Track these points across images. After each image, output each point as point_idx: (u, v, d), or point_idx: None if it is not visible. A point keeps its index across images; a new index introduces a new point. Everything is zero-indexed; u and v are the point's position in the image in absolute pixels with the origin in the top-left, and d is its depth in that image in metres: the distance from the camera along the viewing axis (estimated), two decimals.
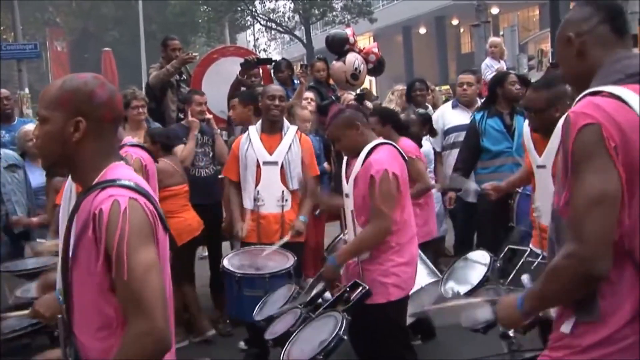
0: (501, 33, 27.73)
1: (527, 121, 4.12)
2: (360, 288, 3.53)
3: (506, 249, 3.89)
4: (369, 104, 7.18)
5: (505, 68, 9.05)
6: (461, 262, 3.99)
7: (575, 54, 2.02)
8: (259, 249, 4.79)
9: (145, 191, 1.91)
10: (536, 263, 3.66)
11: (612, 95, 1.86)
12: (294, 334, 3.41)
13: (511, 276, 3.62)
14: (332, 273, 3.83)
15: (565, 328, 1.92)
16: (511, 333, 2.94)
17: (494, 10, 27.21)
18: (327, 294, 3.81)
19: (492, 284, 3.43)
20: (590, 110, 1.84)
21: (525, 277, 2.83)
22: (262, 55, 26.15)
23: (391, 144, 3.93)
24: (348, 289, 3.58)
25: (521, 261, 3.74)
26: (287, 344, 3.36)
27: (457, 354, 4.69)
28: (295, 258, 4.56)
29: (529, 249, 3.85)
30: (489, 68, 8.98)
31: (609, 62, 1.96)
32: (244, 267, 4.56)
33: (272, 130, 5.08)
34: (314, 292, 3.82)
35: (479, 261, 3.83)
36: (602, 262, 1.79)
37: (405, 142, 5.14)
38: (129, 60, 27.05)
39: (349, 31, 7.47)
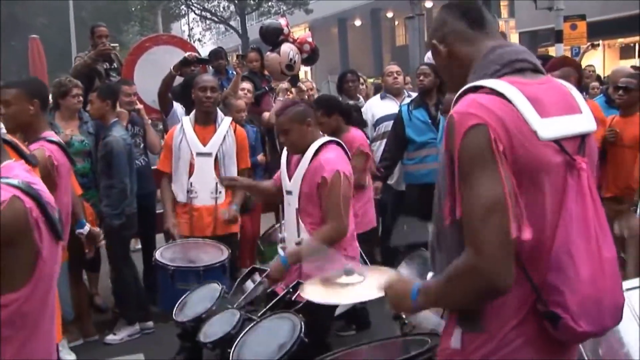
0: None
1: None
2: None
3: None
4: (302, 86, 7.18)
5: None
6: (410, 259, 4.04)
7: (446, 59, 1.97)
8: (192, 241, 4.74)
9: (36, 194, 1.78)
10: None
11: (493, 92, 1.76)
12: (240, 338, 3.23)
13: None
14: (279, 273, 3.72)
15: (455, 343, 1.83)
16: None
17: (428, 4, 27.55)
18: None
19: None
20: (475, 110, 1.72)
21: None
22: (197, 45, 25.83)
23: (337, 142, 3.89)
24: (291, 290, 3.45)
25: None
26: (234, 347, 3.16)
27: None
28: (230, 251, 4.51)
29: None
30: (430, 60, 9.09)
31: (482, 55, 1.89)
32: (177, 260, 4.49)
33: (205, 121, 5.02)
34: (255, 294, 3.70)
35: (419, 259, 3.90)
36: (506, 275, 1.67)
37: (356, 133, 5.17)
38: (58, 48, 26.21)
39: (283, 21, 7.43)
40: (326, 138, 3.82)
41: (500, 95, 1.74)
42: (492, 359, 1.77)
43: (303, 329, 3.08)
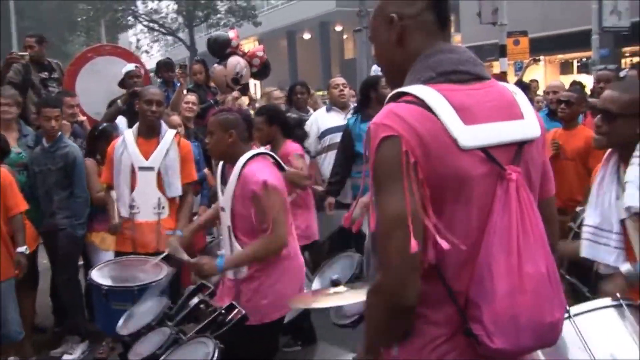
0: None
1: None
2: (236, 311, 3.33)
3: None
4: (252, 94, 7.12)
5: None
6: (331, 262, 4.02)
7: (395, 39, 1.82)
8: (131, 259, 4.59)
9: None
10: None
11: (416, 101, 1.68)
12: (162, 358, 3.15)
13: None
14: (210, 272, 3.64)
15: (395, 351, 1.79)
16: None
17: None
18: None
19: (362, 282, 3.45)
20: (389, 121, 1.66)
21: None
22: (144, 57, 25.49)
23: (267, 154, 3.82)
24: (223, 311, 3.36)
25: None
26: None
27: (335, 355, 4.70)
28: (169, 269, 4.33)
29: None
30: (377, 72, 9.12)
31: (424, 55, 1.78)
32: (113, 278, 4.33)
33: (148, 134, 4.89)
34: (186, 309, 3.57)
35: (348, 260, 3.88)
36: (407, 289, 1.62)
37: (291, 146, 5.11)
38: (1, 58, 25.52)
39: (232, 34, 7.35)
40: (254, 151, 3.73)
41: (423, 103, 1.67)
42: None
43: (216, 357, 2.98)
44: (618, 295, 2.44)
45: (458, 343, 1.71)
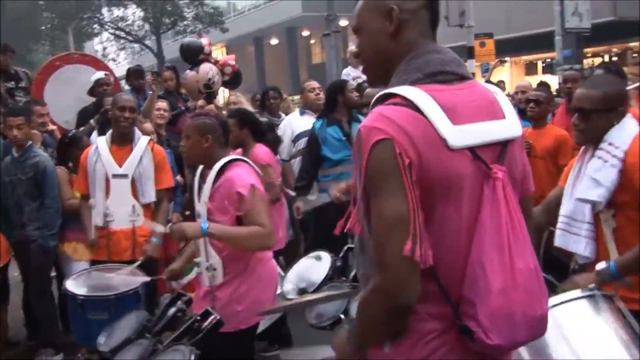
0: (350, 44, 28.54)
1: None
2: (212, 317, 3.30)
3: (345, 248, 3.99)
4: (217, 102, 7.10)
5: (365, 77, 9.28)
6: (302, 262, 4.04)
7: (391, 31, 1.81)
8: (107, 267, 4.55)
9: None
10: None
11: (405, 102, 1.69)
12: None
13: (352, 274, 3.71)
14: (194, 234, 3.48)
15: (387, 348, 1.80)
16: None
17: (343, 23, 27.96)
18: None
19: (335, 282, 3.47)
20: (381, 124, 1.66)
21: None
22: (111, 64, 25.20)
23: (244, 161, 3.81)
24: (199, 318, 3.32)
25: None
26: None
27: (312, 356, 4.71)
28: (146, 277, 4.31)
29: None
30: (347, 77, 9.18)
31: (411, 56, 1.79)
32: (89, 287, 4.28)
33: (122, 141, 4.86)
34: (164, 319, 3.54)
35: (319, 261, 3.91)
36: (407, 290, 1.65)
37: (260, 149, 5.11)
38: None
39: (204, 41, 7.32)
40: (232, 157, 3.72)
41: (411, 105, 1.69)
42: None
43: None
44: (592, 285, 2.50)
45: (448, 339, 1.74)
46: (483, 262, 1.70)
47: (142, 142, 4.90)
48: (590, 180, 2.80)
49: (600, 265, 2.74)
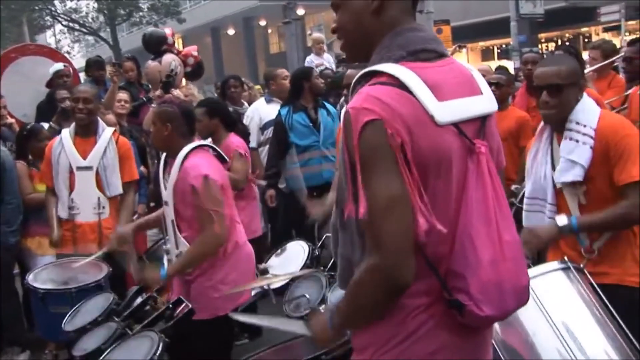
0: (309, 32, 28.48)
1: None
2: (183, 305, 3.32)
3: (324, 237, 4.01)
4: (174, 92, 6.99)
5: (329, 64, 9.31)
6: (280, 252, 4.05)
7: (374, 7, 1.81)
8: (71, 260, 4.49)
9: None
10: None
11: (392, 81, 1.70)
12: (106, 353, 3.13)
13: (331, 263, 3.74)
14: (153, 281, 3.60)
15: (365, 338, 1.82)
16: None
17: (300, 12, 27.88)
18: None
19: (313, 271, 3.50)
20: (371, 105, 1.65)
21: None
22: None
23: (208, 147, 3.81)
24: (171, 306, 3.34)
25: None
26: None
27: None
28: (110, 269, 4.27)
29: None
30: (310, 64, 9.19)
31: (393, 33, 1.79)
32: (51, 281, 4.22)
33: (85, 133, 4.80)
34: (134, 305, 3.57)
35: (297, 250, 3.92)
36: (406, 270, 1.66)
37: (233, 139, 5.09)
38: None
39: (167, 31, 7.23)
40: (195, 143, 3.70)
41: (398, 83, 1.69)
42: (405, 345, 1.77)
43: (160, 349, 2.98)
44: (565, 258, 2.60)
45: (435, 312, 1.77)
46: (472, 235, 1.73)
47: (106, 133, 4.85)
48: (566, 162, 2.86)
49: (561, 220, 2.83)
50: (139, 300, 3.64)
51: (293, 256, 3.91)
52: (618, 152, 2.77)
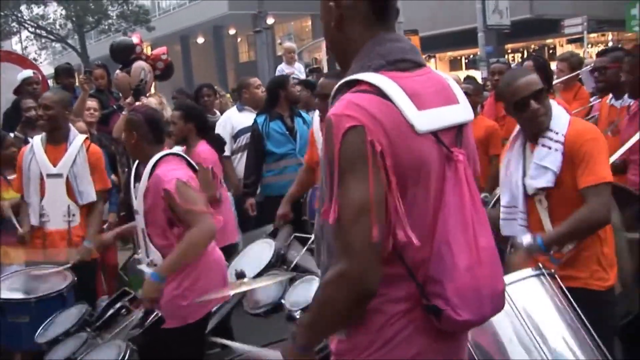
0: (279, 42, 28.56)
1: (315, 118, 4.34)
2: (154, 314, 3.30)
3: (292, 237, 4.05)
4: (145, 100, 6.95)
5: (300, 73, 9.35)
6: (247, 250, 4.07)
7: (334, 24, 1.87)
8: (36, 269, 4.43)
9: None
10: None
11: (373, 89, 1.73)
12: None
13: (294, 262, 3.78)
14: (154, 291, 3.44)
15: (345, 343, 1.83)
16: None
17: (270, 21, 27.97)
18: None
19: (277, 270, 3.53)
20: (352, 112, 1.68)
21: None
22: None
23: (178, 155, 3.79)
24: (142, 315, 3.33)
25: (305, 247, 3.90)
26: None
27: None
28: (75, 278, 4.23)
29: (312, 237, 4.03)
30: (281, 73, 9.21)
31: (371, 43, 1.82)
32: (14, 290, 4.16)
33: (56, 140, 4.75)
34: (106, 315, 3.57)
35: (263, 248, 3.96)
36: (372, 277, 1.67)
37: (203, 148, 5.06)
38: None
39: (135, 39, 7.17)
40: (165, 152, 3.68)
41: (378, 91, 1.72)
42: (384, 350, 1.78)
43: (127, 356, 3.01)
44: (540, 265, 2.67)
45: (413, 318, 1.79)
46: (449, 241, 1.76)
47: (77, 141, 4.80)
48: (538, 168, 2.92)
49: (527, 240, 2.89)
50: (115, 307, 3.64)
51: (259, 255, 3.93)
52: (580, 156, 2.84)
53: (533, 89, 2.95)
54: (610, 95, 4.85)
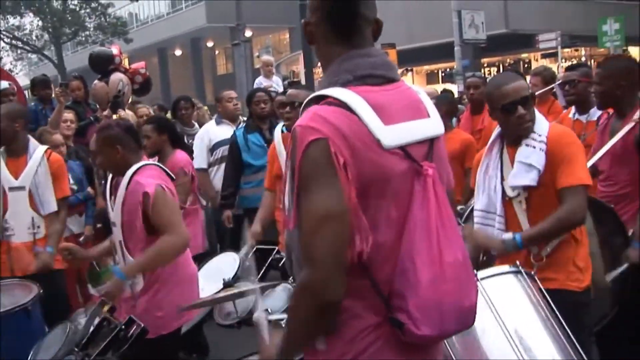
0: (256, 54, 28.59)
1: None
2: (136, 325, 3.24)
3: (254, 249, 4.08)
4: (122, 113, 6.93)
5: (277, 86, 9.37)
6: (211, 263, 4.08)
7: (307, 41, 1.96)
8: (2, 283, 4.36)
9: None
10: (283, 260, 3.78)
11: (338, 103, 1.74)
12: None
13: (260, 273, 3.79)
14: (118, 288, 3.48)
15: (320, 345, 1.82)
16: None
17: (248, 33, 28.02)
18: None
19: (243, 281, 3.53)
20: (316, 124, 1.70)
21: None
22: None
23: (156, 165, 3.79)
24: (123, 327, 3.24)
25: (269, 259, 3.91)
26: None
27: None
28: (41, 290, 4.10)
29: (276, 248, 4.03)
30: (259, 85, 9.22)
31: (340, 59, 1.84)
32: None
33: (15, 153, 4.70)
34: (89, 330, 3.53)
35: (228, 261, 3.97)
36: (334, 286, 1.66)
37: (180, 155, 5.09)
38: None
39: (115, 50, 7.15)
40: (142, 162, 3.67)
41: (344, 105, 1.73)
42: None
43: None
44: (517, 263, 2.73)
45: (383, 332, 1.78)
46: (413, 255, 1.75)
47: (38, 152, 4.74)
48: (522, 165, 2.97)
49: (507, 235, 2.93)
50: (95, 321, 3.58)
51: (224, 267, 3.94)
52: (560, 158, 2.91)
53: (522, 95, 2.99)
54: (573, 110, 4.92)
